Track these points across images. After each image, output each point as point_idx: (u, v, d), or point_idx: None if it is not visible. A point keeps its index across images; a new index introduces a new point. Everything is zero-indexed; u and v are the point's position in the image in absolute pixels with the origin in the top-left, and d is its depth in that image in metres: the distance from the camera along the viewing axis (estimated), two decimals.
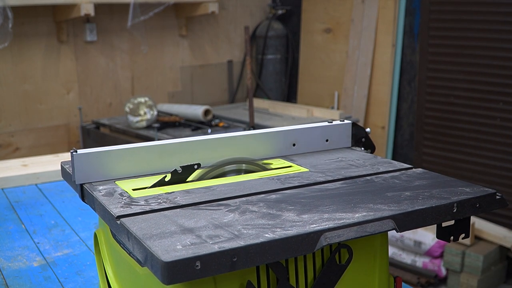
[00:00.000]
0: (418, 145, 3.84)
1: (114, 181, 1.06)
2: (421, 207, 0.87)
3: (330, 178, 1.05)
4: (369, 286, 0.95)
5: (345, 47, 4.13)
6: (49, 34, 3.71)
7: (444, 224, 0.94)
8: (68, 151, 3.10)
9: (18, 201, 1.95)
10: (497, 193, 0.94)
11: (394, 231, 0.84)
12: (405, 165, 1.14)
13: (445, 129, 3.67)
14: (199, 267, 0.71)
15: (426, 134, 3.78)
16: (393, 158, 3.88)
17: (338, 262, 0.90)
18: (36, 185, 2.13)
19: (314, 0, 4.37)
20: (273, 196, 0.96)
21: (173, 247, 0.73)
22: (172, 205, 0.92)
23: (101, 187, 1.02)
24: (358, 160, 1.18)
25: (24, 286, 1.34)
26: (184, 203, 0.93)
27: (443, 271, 3.36)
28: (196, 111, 3.55)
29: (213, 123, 3.54)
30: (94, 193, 0.99)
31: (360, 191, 0.97)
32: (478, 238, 3.37)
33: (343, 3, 4.14)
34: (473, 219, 3.32)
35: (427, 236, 3.37)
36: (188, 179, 1.06)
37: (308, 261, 0.89)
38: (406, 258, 3.49)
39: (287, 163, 1.17)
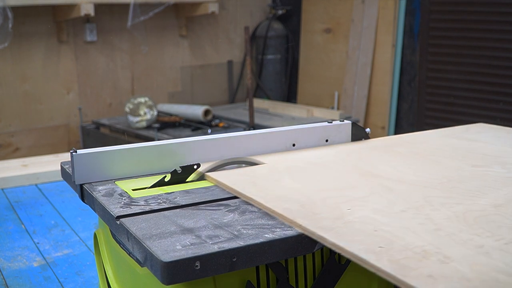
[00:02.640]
0: None
1: (114, 181, 1.06)
2: None
3: None
4: (369, 286, 0.95)
5: (345, 47, 4.13)
6: (49, 34, 3.71)
7: None
8: (68, 151, 3.10)
9: (18, 201, 1.95)
10: None
11: None
12: None
13: None
14: (199, 267, 0.71)
15: None
16: None
17: (338, 262, 0.90)
18: (36, 185, 2.13)
19: (314, 0, 4.37)
20: None
21: (173, 247, 0.73)
22: (172, 205, 0.92)
23: (100, 187, 1.02)
24: None
25: (24, 286, 1.34)
26: (183, 203, 0.93)
27: None
28: (196, 111, 3.55)
29: (213, 123, 3.54)
30: (94, 193, 0.99)
31: None
32: None
33: (343, 3, 4.14)
34: None
35: None
36: (188, 180, 1.06)
37: (308, 261, 0.89)
38: None
39: None
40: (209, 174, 1.05)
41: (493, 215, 0.80)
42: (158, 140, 3.02)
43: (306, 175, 1.04)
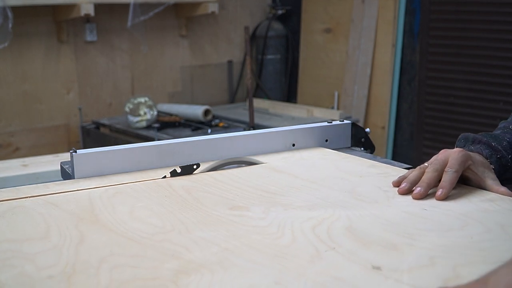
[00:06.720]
0: (418, 145, 3.84)
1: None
2: None
3: None
4: None
5: (345, 47, 4.13)
6: (49, 34, 3.71)
7: None
8: (68, 151, 3.10)
9: None
10: None
11: None
12: (404, 165, 1.14)
13: (445, 129, 3.67)
14: None
15: (426, 134, 3.78)
16: (393, 158, 3.87)
17: None
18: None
19: (314, 0, 4.36)
20: None
21: None
22: None
23: None
24: None
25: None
26: None
27: None
28: (196, 111, 3.55)
29: (213, 123, 3.54)
30: None
31: None
32: None
33: (343, 3, 4.14)
34: None
35: None
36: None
37: None
38: None
39: None
40: None
41: None
42: (158, 140, 3.02)
43: (18, 220, 0.84)
